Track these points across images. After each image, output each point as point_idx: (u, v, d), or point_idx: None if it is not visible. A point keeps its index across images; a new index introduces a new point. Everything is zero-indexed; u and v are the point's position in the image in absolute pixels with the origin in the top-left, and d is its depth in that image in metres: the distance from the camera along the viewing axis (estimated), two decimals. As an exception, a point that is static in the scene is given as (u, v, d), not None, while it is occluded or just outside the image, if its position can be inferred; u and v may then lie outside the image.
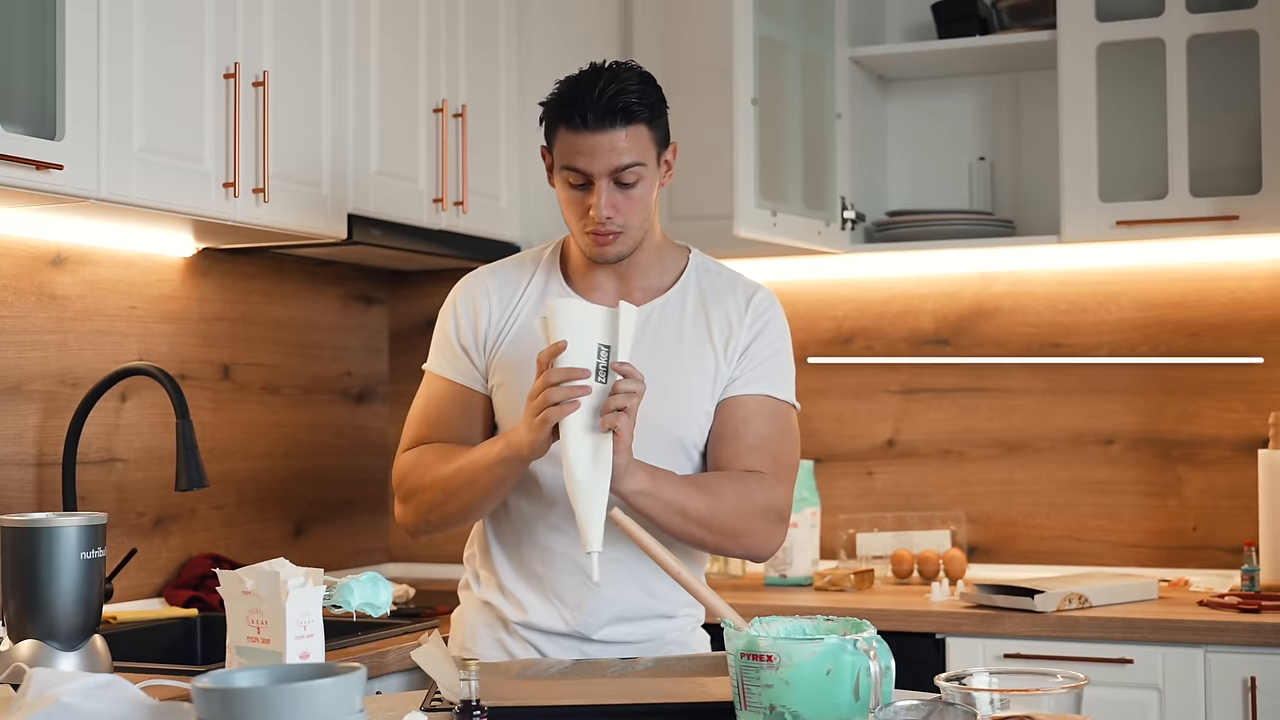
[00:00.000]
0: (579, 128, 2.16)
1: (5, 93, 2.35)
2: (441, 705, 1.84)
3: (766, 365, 2.30)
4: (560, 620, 2.26)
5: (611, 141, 2.16)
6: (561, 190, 2.24)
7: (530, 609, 2.28)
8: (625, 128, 2.17)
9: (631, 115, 2.17)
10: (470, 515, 2.29)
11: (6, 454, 2.80)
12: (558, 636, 2.27)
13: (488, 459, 2.17)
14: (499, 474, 2.17)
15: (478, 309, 2.34)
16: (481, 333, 2.33)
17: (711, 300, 2.32)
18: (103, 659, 2.29)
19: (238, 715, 1.34)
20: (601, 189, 2.18)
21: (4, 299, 2.81)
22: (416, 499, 2.29)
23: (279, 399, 3.49)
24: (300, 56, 2.97)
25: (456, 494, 2.22)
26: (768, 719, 1.69)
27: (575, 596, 2.25)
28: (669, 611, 2.31)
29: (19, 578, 2.23)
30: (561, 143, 2.21)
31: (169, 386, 2.72)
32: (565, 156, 2.20)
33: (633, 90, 2.17)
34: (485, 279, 2.37)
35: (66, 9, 2.45)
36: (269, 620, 1.79)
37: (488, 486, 2.19)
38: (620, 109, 2.16)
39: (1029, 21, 3.41)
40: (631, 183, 2.19)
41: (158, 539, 3.13)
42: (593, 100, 2.15)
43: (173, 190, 2.67)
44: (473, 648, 2.32)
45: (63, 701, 1.48)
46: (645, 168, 2.20)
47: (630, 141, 2.18)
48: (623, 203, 2.20)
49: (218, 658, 2.81)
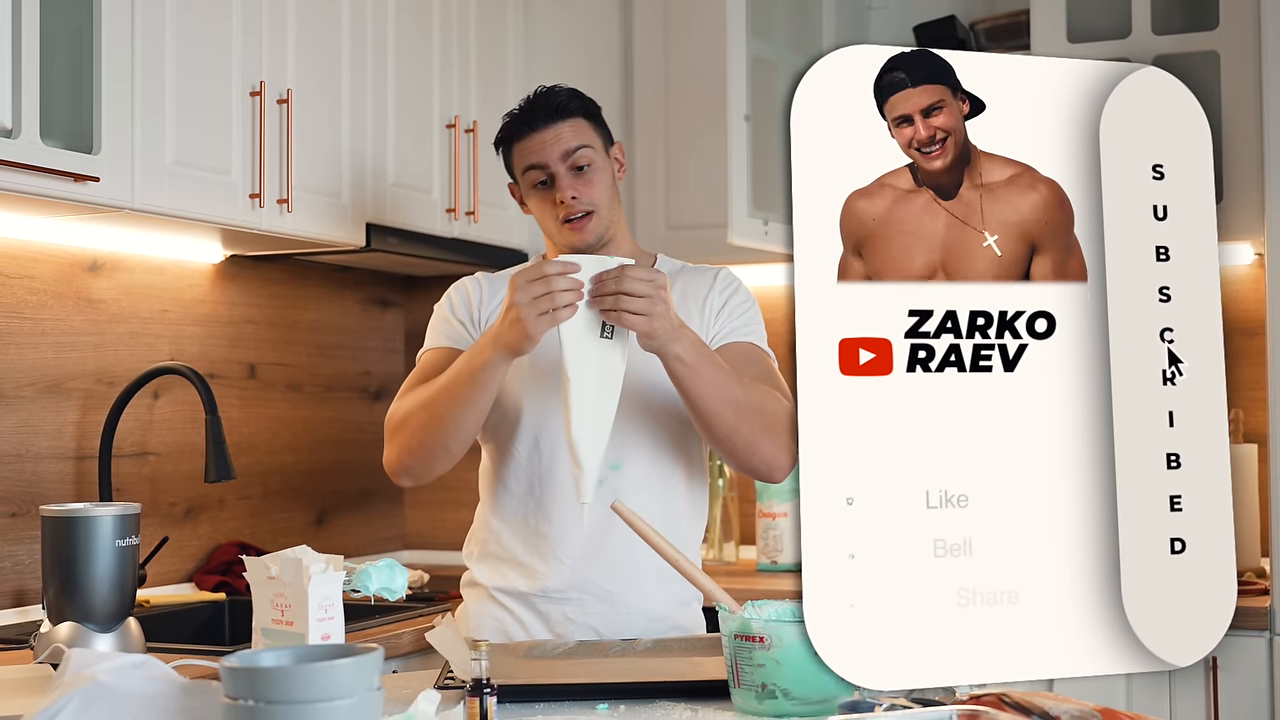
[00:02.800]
0: (526, 132, 2.30)
1: (46, 110, 2.35)
2: (454, 683, 1.84)
3: (745, 317, 2.33)
4: (570, 575, 2.25)
5: (557, 133, 2.29)
6: (531, 199, 2.32)
7: (542, 574, 2.27)
8: (565, 120, 2.30)
9: (568, 110, 2.30)
10: (451, 436, 2.17)
11: (47, 448, 2.81)
12: (567, 602, 2.27)
13: (468, 365, 2.12)
14: (480, 379, 2.11)
15: (470, 296, 2.37)
16: (475, 312, 2.35)
17: (683, 284, 2.34)
18: (137, 640, 2.29)
19: (263, 693, 1.34)
20: (561, 174, 2.28)
21: (44, 303, 2.81)
22: (399, 431, 2.22)
23: (301, 396, 3.49)
24: (322, 76, 2.97)
25: (439, 410, 2.15)
26: (759, 696, 1.69)
27: (585, 549, 2.25)
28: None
29: (58, 564, 2.23)
30: (518, 154, 2.32)
31: (199, 385, 2.72)
32: (523, 160, 2.31)
33: (564, 93, 2.32)
34: (477, 278, 2.41)
35: (103, 32, 2.46)
36: (292, 604, 1.79)
37: (468, 396, 2.12)
38: (556, 106, 2.30)
39: (1004, 43, 3.41)
40: (585, 165, 2.29)
41: (188, 528, 3.13)
42: (532, 108, 2.30)
43: (202, 201, 2.67)
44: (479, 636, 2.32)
45: (99, 680, 1.48)
46: (593, 150, 2.30)
47: (573, 130, 2.30)
48: (582, 185, 2.28)
49: (244, 639, 2.81)
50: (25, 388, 2.77)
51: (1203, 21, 3.16)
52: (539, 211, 2.32)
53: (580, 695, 1.80)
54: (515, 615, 2.29)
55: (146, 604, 2.80)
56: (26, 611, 2.70)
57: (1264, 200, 2.92)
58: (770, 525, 3.45)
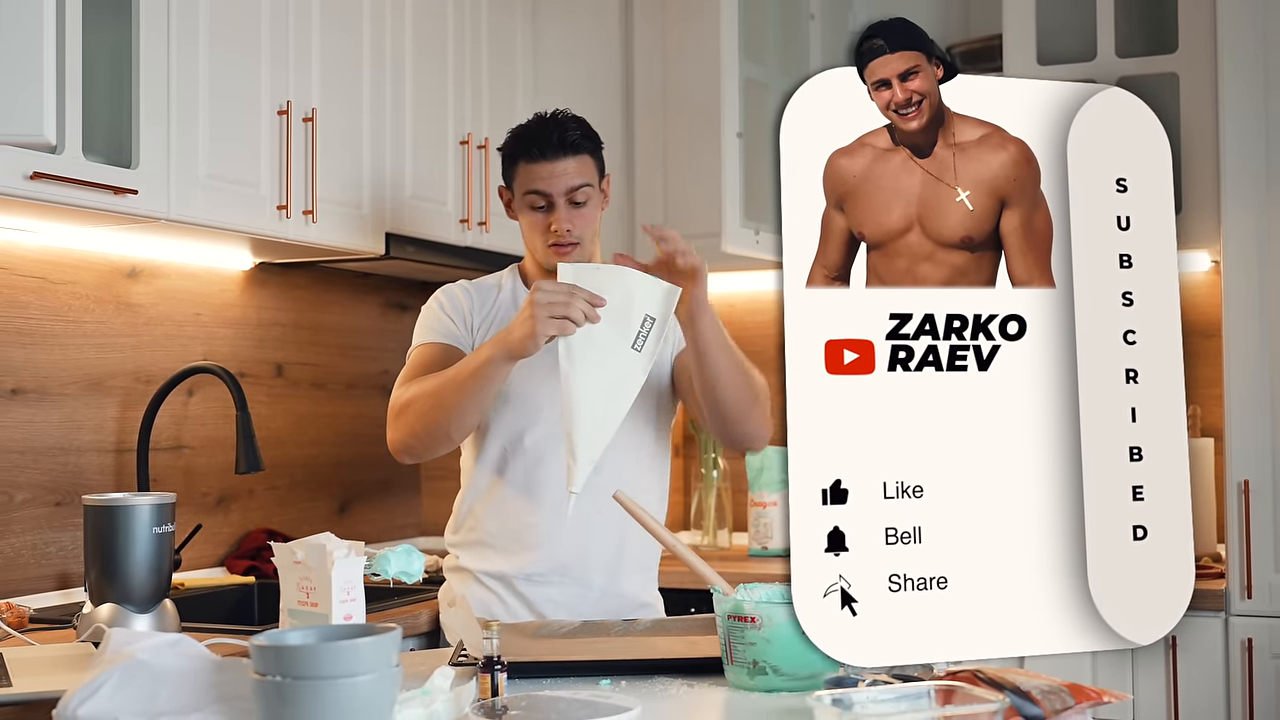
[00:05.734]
0: (537, 159, 2.30)
1: (88, 127, 2.35)
2: (467, 660, 1.83)
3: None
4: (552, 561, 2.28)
5: (565, 168, 2.30)
6: (524, 215, 2.34)
7: (526, 560, 2.29)
8: (574, 157, 2.31)
9: (579, 147, 2.32)
10: (453, 424, 2.18)
11: (89, 442, 2.80)
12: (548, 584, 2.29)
13: (476, 360, 2.12)
14: (486, 374, 2.11)
15: (459, 299, 2.38)
16: (467, 314, 2.36)
17: None
18: (172, 620, 2.29)
19: (290, 669, 1.34)
20: (560, 206, 2.30)
21: (86, 307, 2.81)
22: (404, 415, 2.22)
23: (325, 394, 3.48)
24: (344, 96, 2.97)
25: (443, 400, 2.15)
26: (751, 672, 1.69)
27: (567, 538, 2.27)
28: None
29: (99, 549, 2.23)
30: (522, 174, 2.33)
31: (230, 383, 2.72)
32: (527, 184, 2.32)
33: (577, 130, 2.33)
34: (463, 285, 2.42)
35: (141, 55, 2.46)
36: (317, 586, 1.79)
37: (474, 389, 2.12)
38: (570, 142, 2.30)
39: (979, 65, 3.41)
40: (583, 201, 2.31)
41: (220, 516, 3.12)
42: (547, 137, 2.29)
43: (233, 212, 2.67)
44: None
45: (138, 658, 1.47)
46: (592, 189, 2.33)
47: (578, 167, 2.31)
48: (577, 218, 2.31)
49: (272, 619, 2.81)
50: (69, 386, 2.77)
51: (1163, 45, 3.17)
52: (529, 228, 2.34)
53: (584, 671, 1.80)
54: (499, 596, 2.32)
55: (181, 587, 2.80)
56: (70, 594, 2.70)
57: (1220, 211, 2.92)
58: (761, 514, 3.45)
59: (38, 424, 2.70)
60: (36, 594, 2.66)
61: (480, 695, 1.63)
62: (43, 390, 2.72)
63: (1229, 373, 2.87)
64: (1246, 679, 2.78)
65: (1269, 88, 2.87)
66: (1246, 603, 2.81)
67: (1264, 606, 2.81)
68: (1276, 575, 2.81)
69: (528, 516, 2.29)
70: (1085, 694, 1.55)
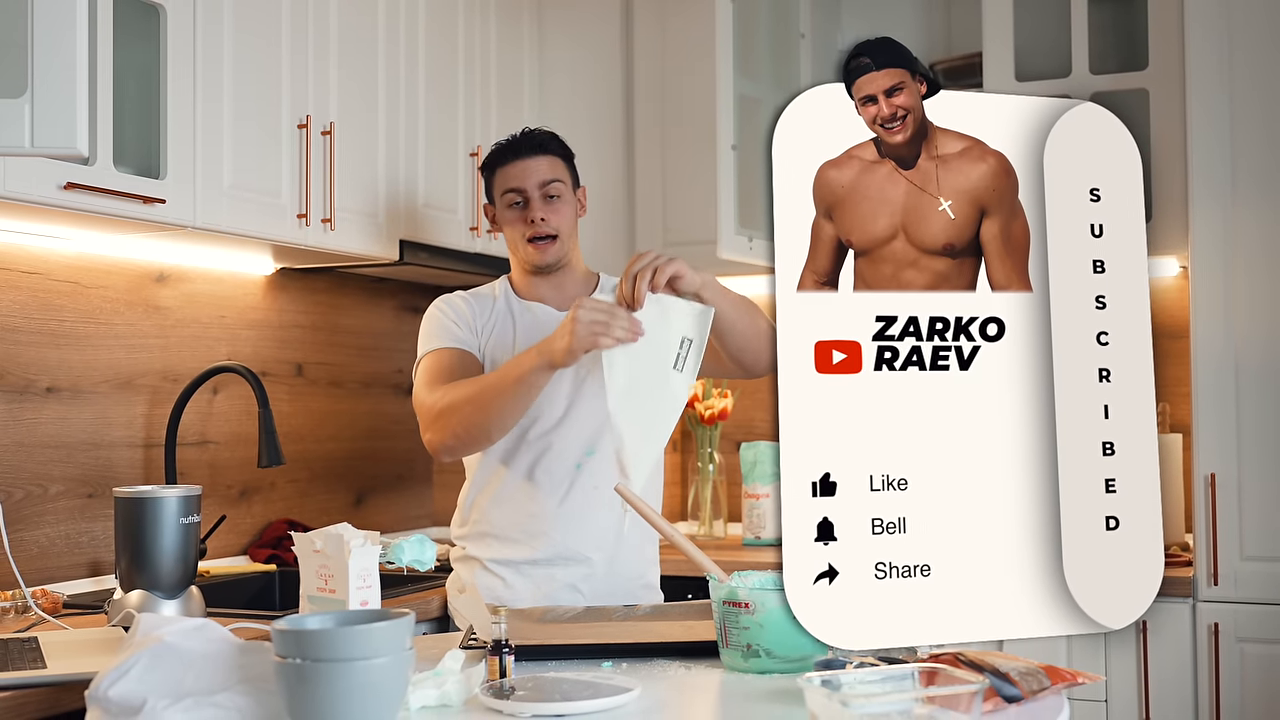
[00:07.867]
0: (511, 159, 2.36)
1: (119, 140, 2.35)
2: (477, 644, 1.84)
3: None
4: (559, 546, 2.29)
5: (536, 164, 2.35)
6: (505, 218, 2.37)
7: (532, 546, 2.29)
8: (544, 155, 2.36)
9: (548, 147, 2.38)
10: (495, 426, 2.17)
11: (119, 437, 2.80)
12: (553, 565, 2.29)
13: (519, 367, 2.11)
14: (529, 381, 2.10)
15: (461, 307, 2.37)
16: (470, 320, 2.35)
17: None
18: (198, 606, 2.29)
19: (309, 652, 1.34)
20: (535, 199, 2.34)
21: (117, 310, 2.81)
22: (446, 417, 2.19)
23: (343, 392, 3.48)
24: (361, 110, 2.97)
25: (486, 404, 2.14)
26: (745, 655, 1.69)
27: (571, 524, 2.30)
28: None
29: (129, 539, 2.23)
30: (499, 179, 2.38)
31: (252, 382, 2.72)
32: (504, 184, 2.37)
33: (545, 135, 2.40)
34: (461, 295, 2.41)
35: (169, 72, 2.46)
36: (335, 574, 1.79)
37: (516, 393, 2.12)
38: (539, 142, 2.37)
39: (960, 81, 3.41)
40: (556, 195, 2.35)
41: (243, 507, 3.13)
42: (519, 140, 2.38)
43: (255, 220, 2.67)
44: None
45: (165, 641, 1.47)
46: (564, 185, 2.37)
47: (549, 164, 2.36)
48: (551, 211, 2.34)
49: (292, 605, 2.81)
50: (100, 384, 2.77)
51: (1134, 63, 3.17)
52: (510, 230, 2.37)
53: (588, 654, 1.80)
54: (505, 580, 2.32)
55: (206, 574, 2.80)
56: (101, 581, 2.70)
57: (1188, 219, 2.92)
58: (754, 505, 3.45)
59: (71, 420, 2.70)
60: (70, 581, 2.66)
61: (489, 676, 1.63)
62: (76, 389, 2.72)
63: (1196, 372, 2.87)
64: (1213, 661, 2.79)
65: (1234, 103, 2.87)
66: (1213, 589, 2.81)
67: (1230, 593, 2.81)
68: (1242, 563, 2.81)
69: (531, 506, 2.29)
70: (1061, 675, 1.55)
